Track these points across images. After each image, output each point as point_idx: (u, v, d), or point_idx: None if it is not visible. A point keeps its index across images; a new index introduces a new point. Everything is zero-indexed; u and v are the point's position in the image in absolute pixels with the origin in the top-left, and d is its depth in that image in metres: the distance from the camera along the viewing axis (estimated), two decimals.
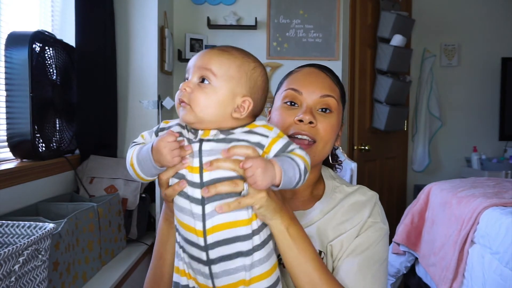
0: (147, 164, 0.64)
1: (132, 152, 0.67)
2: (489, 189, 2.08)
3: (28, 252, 0.98)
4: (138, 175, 0.66)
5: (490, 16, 3.58)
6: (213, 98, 0.65)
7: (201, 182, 0.63)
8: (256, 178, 0.60)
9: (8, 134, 1.62)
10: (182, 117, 0.66)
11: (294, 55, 2.77)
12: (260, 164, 0.60)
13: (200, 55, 0.68)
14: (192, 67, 0.68)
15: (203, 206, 0.62)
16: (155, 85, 2.34)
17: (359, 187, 0.89)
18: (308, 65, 0.91)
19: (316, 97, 0.82)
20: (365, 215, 0.82)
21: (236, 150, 0.62)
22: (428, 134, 3.55)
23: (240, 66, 0.68)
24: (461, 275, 1.81)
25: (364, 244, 0.79)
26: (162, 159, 0.62)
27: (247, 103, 0.67)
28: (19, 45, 1.59)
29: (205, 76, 0.65)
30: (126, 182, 2.03)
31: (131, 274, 1.76)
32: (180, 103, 0.66)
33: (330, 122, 0.82)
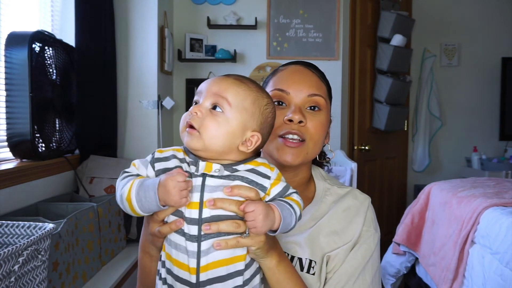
0: (149, 202, 0.60)
1: (130, 186, 0.62)
2: (490, 189, 2.08)
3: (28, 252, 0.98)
4: (134, 210, 0.62)
5: (490, 16, 3.58)
6: (224, 128, 0.63)
7: (200, 218, 0.61)
8: (257, 224, 0.60)
9: (8, 134, 1.62)
10: (188, 143, 0.64)
11: (294, 55, 2.77)
12: (262, 210, 0.60)
13: (215, 81, 0.66)
14: (205, 91, 0.65)
15: (199, 243, 0.61)
16: (155, 85, 2.34)
17: (351, 190, 0.88)
18: (293, 62, 0.89)
19: (304, 96, 0.81)
20: (359, 225, 0.82)
21: (239, 191, 0.62)
22: (428, 134, 3.55)
23: (255, 100, 0.67)
24: (462, 275, 1.81)
25: (360, 260, 0.79)
26: (170, 199, 0.59)
27: (256, 138, 0.66)
28: (19, 45, 1.59)
29: (219, 104, 0.64)
30: None
31: (131, 274, 1.76)
32: (187, 127, 0.64)
33: (319, 120, 0.81)
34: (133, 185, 0.62)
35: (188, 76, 2.80)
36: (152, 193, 0.60)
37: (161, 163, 0.65)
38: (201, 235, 0.61)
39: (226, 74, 0.69)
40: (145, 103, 2.34)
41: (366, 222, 0.83)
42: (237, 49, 2.76)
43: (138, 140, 2.34)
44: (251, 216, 0.60)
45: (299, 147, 0.79)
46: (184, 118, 0.65)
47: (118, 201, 0.64)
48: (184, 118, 0.65)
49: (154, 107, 2.34)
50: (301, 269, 0.77)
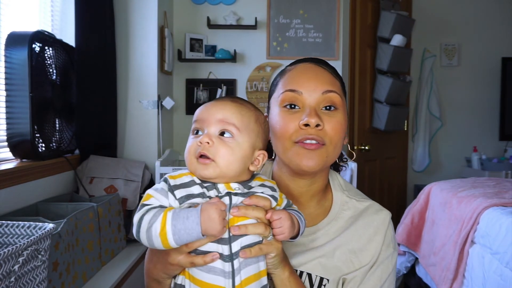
0: (189, 233, 0.58)
1: (162, 219, 0.58)
2: (489, 189, 2.08)
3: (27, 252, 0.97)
4: (166, 244, 0.58)
5: (490, 16, 3.58)
6: (237, 153, 0.64)
7: (229, 237, 0.62)
8: (285, 230, 0.63)
9: (8, 134, 1.62)
10: (203, 173, 0.63)
11: (294, 55, 2.77)
12: (288, 217, 0.64)
13: (216, 107, 0.66)
14: (208, 119, 0.65)
15: (232, 262, 0.61)
16: (155, 85, 2.34)
17: (371, 204, 0.83)
18: (301, 60, 0.83)
19: (318, 95, 0.74)
20: (379, 244, 0.78)
21: (258, 200, 0.64)
22: (428, 134, 3.55)
23: (257, 119, 0.68)
24: (461, 275, 1.81)
25: (377, 282, 0.77)
26: (213, 228, 0.58)
27: (262, 156, 0.68)
28: (19, 45, 1.59)
29: (228, 130, 0.64)
30: (126, 182, 2.03)
31: (131, 274, 1.76)
32: (197, 157, 0.63)
33: (338, 121, 0.75)
34: (167, 218, 0.58)
35: (188, 76, 2.80)
36: (194, 224, 0.58)
37: (182, 190, 0.62)
38: (232, 253, 0.61)
39: (218, 97, 0.70)
40: (145, 103, 2.34)
41: (386, 241, 0.79)
42: (237, 49, 2.76)
43: (138, 140, 2.34)
44: (279, 223, 0.63)
45: (319, 149, 0.73)
46: (191, 149, 0.64)
47: (142, 237, 0.59)
48: (190, 149, 0.64)
49: (154, 107, 2.34)
50: (311, 286, 0.75)
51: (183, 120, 2.81)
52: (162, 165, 2.13)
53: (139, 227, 0.59)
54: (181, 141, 2.81)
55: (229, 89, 2.78)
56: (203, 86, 2.78)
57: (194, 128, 0.67)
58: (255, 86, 2.80)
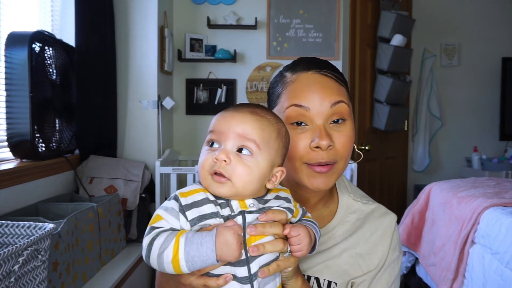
0: (203, 260, 0.54)
1: (174, 245, 0.54)
2: (490, 189, 2.08)
3: (27, 252, 0.97)
4: (180, 270, 0.55)
5: (490, 16, 3.58)
6: (257, 172, 0.60)
7: (247, 257, 0.58)
8: (303, 247, 0.61)
9: (8, 134, 1.62)
10: (218, 192, 0.59)
11: (294, 55, 2.77)
12: (307, 233, 0.62)
13: (236, 119, 0.61)
14: (227, 132, 0.60)
15: (251, 284, 0.58)
16: (155, 85, 2.34)
17: (377, 207, 0.83)
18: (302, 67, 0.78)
19: (326, 109, 0.71)
20: (386, 248, 0.79)
21: (274, 215, 0.61)
22: (429, 134, 3.55)
23: (278, 134, 0.64)
24: (462, 275, 1.81)
25: (384, 284, 0.78)
26: (230, 254, 0.55)
27: (280, 173, 0.64)
28: (19, 45, 1.59)
29: (247, 147, 0.60)
30: (126, 182, 2.03)
31: (131, 274, 1.76)
32: (213, 174, 0.59)
33: (346, 134, 0.73)
34: (180, 244, 0.54)
35: (188, 76, 2.80)
36: (209, 251, 0.54)
37: (194, 210, 0.58)
38: (251, 274, 0.58)
39: (238, 106, 0.64)
40: (145, 103, 2.34)
41: (392, 245, 0.79)
42: (237, 49, 2.76)
43: (138, 140, 2.34)
44: (298, 240, 0.61)
45: (330, 171, 0.72)
46: (205, 164, 0.60)
47: (153, 263, 0.56)
48: (205, 163, 0.60)
49: (154, 107, 2.34)
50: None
51: (183, 120, 2.81)
52: (162, 165, 2.13)
53: (149, 252, 0.56)
54: (181, 141, 2.81)
55: (229, 89, 2.78)
56: (203, 86, 2.78)
57: (210, 139, 0.62)
58: (255, 86, 2.80)
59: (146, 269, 2.07)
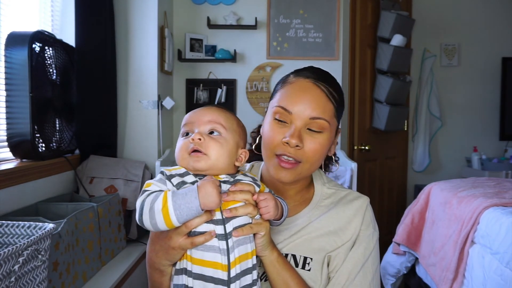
0: (189, 207, 0.64)
1: (163, 197, 0.64)
2: (490, 189, 2.08)
3: (28, 252, 0.97)
4: (168, 221, 0.64)
5: (490, 16, 3.58)
6: (225, 147, 0.74)
7: (223, 218, 0.69)
8: (270, 209, 0.72)
9: (8, 134, 1.62)
10: (196, 165, 0.71)
11: (294, 55, 2.77)
12: (272, 198, 0.73)
13: (204, 112, 0.76)
14: (197, 121, 0.74)
15: (226, 241, 0.68)
16: (155, 85, 2.34)
17: (350, 192, 0.92)
18: (303, 73, 0.86)
19: (306, 118, 0.81)
20: (358, 224, 0.86)
21: (243, 186, 0.72)
22: (428, 134, 3.55)
23: (238, 123, 0.79)
24: (462, 275, 1.81)
25: (360, 258, 0.83)
26: (211, 200, 0.64)
27: (244, 154, 0.78)
28: (19, 45, 1.59)
29: (216, 129, 0.74)
30: (126, 182, 2.03)
31: (131, 274, 1.76)
32: (191, 152, 0.71)
33: (319, 142, 0.81)
34: (167, 195, 0.65)
35: (188, 76, 2.80)
36: (193, 198, 0.64)
37: (177, 178, 0.70)
38: (227, 233, 0.68)
39: (204, 107, 0.79)
40: (145, 103, 2.34)
41: (365, 222, 0.86)
42: (237, 49, 2.76)
43: (138, 140, 2.34)
44: (265, 203, 0.72)
45: (293, 168, 0.82)
46: (183, 146, 0.72)
47: (146, 219, 0.65)
48: (182, 146, 0.73)
49: (154, 107, 2.34)
50: (296, 265, 0.82)
51: None
52: (162, 165, 2.13)
53: (142, 209, 0.65)
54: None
55: (229, 89, 2.78)
56: (203, 86, 2.78)
57: (184, 131, 0.75)
58: (255, 86, 2.80)
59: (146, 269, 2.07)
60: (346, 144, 2.93)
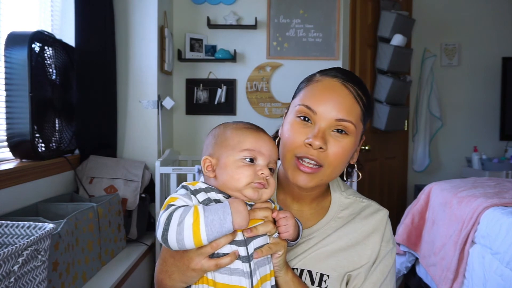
0: (222, 224, 0.61)
1: (194, 212, 0.61)
2: (490, 189, 2.08)
3: (27, 253, 0.97)
4: (199, 237, 0.61)
5: (491, 16, 3.57)
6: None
7: (244, 240, 0.67)
8: (289, 228, 0.70)
9: (8, 134, 1.62)
10: (263, 197, 0.69)
11: (294, 54, 2.77)
12: (292, 216, 0.71)
13: (267, 143, 0.72)
14: (263, 151, 0.71)
15: (249, 263, 0.66)
16: (155, 85, 2.34)
17: (369, 204, 0.86)
18: (331, 73, 0.80)
19: (331, 120, 0.74)
20: (378, 240, 0.81)
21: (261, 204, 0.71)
22: (429, 134, 3.55)
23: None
24: (462, 275, 1.81)
25: (380, 277, 0.80)
26: (242, 219, 0.63)
27: None
28: (18, 45, 1.59)
29: (272, 167, 0.72)
30: (126, 182, 2.03)
31: (131, 274, 1.76)
32: (259, 185, 0.69)
33: (343, 146, 0.75)
34: (199, 209, 0.62)
35: (188, 76, 2.80)
36: (226, 214, 0.62)
37: (202, 194, 0.68)
38: (249, 254, 0.66)
39: (257, 127, 0.75)
40: (145, 103, 2.34)
41: (385, 238, 0.82)
42: (237, 49, 2.76)
43: (138, 140, 2.34)
44: (285, 221, 0.70)
45: (314, 173, 0.75)
46: (249, 175, 0.68)
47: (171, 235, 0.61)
48: (248, 175, 0.68)
49: (154, 107, 2.34)
50: (312, 283, 0.77)
51: (183, 120, 2.81)
52: (162, 165, 2.13)
53: (168, 224, 0.61)
54: (181, 141, 2.81)
55: (229, 89, 2.78)
56: (203, 86, 2.78)
57: (248, 155, 0.70)
58: (255, 86, 2.80)
59: (146, 269, 2.07)
60: None
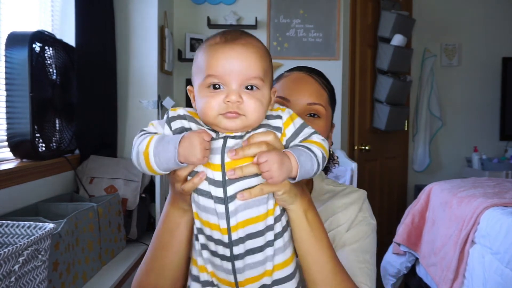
0: (167, 156, 0.59)
1: (148, 140, 0.61)
2: (490, 189, 2.08)
3: (28, 252, 0.97)
4: (150, 167, 0.61)
5: (491, 16, 3.57)
6: (265, 103, 0.63)
7: (224, 180, 0.61)
8: (272, 174, 0.58)
9: (8, 134, 1.62)
10: (229, 126, 0.61)
11: (295, 54, 2.77)
12: (275, 159, 0.58)
13: (234, 58, 0.61)
14: (231, 74, 0.60)
15: (226, 204, 0.61)
16: (155, 85, 2.34)
17: (348, 187, 0.92)
18: (296, 68, 0.90)
19: (303, 104, 0.83)
20: (355, 211, 0.86)
21: (255, 138, 0.61)
22: (429, 134, 3.55)
23: (269, 58, 0.66)
24: (462, 275, 1.81)
25: (355, 237, 0.83)
26: (193, 154, 0.57)
27: (274, 93, 0.68)
28: (19, 45, 1.59)
29: (254, 84, 0.62)
30: (126, 182, 2.03)
31: (131, 274, 1.76)
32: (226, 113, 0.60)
33: (318, 127, 0.80)
34: (152, 139, 0.61)
35: (188, 76, 2.80)
36: (172, 147, 0.58)
37: (178, 121, 0.64)
38: (227, 196, 0.61)
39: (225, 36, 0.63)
40: (145, 103, 2.34)
41: (362, 209, 0.87)
42: None
43: None
44: (266, 167, 0.58)
45: None
46: (214, 106, 0.60)
47: (134, 159, 0.63)
48: (212, 105, 0.60)
49: (154, 107, 2.34)
50: None
51: None
52: None
53: (133, 148, 0.63)
54: None
55: None
56: None
57: (211, 82, 0.61)
58: None
59: None
60: (346, 144, 2.93)
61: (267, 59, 0.66)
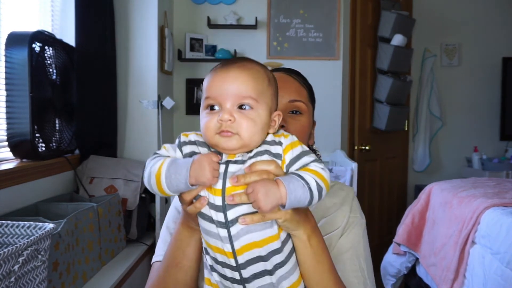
0: (178, 179, 0.61)
1: (161, 163, 0.63)
2: (490, 189, 2.08)
3: (27, 252, 0.97)
4: (161, 188, 0.63)
5: (491, 16, 3.57)
6: (259, 123, 0.64)
7: (224, 205, 0.62)
8: (259, 204, 0.59)
9: (8, 134, 1.62)
10: (226, 146, 0.63)
11: (294, 54, 2.77)
12: (260, 189, 0.59)
13: (228, 82, 0.64)
14: (223, 95, 0.63)
15: (228, 229, 0.62)
16: (155, 85, 2.34)
17: (335, 183, 0.94)
18: (274, 70, 0.91)
19: (285, 102, 0.85)
20: (347, 212, 0.88)
21: (257, 166, 0.62)
22: (429, 134, 3.55)
23: (269, 82, 0.68)
24: (462, 276, 1.81)
25: (349, 243, 0.85)
26: (202, 175, 0.60)
27: (278, 116, 0.68)
28: (19, 45, 1.59)
29: (246, 103, 0.64)
30: (126, 182, 2.03)
31: (131, 274, 1.76)
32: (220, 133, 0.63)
33: (301, 123, 0.86)
34: (165, 162, 0.63)
35: (188, 76, 2.80)
36: (184, 170, 0.61)
37: (189, 146, 0.67)
38: (228, 220, 0.62)
39: (224, 63, 0.67)
40: (145, 103, 2.34)
41: (353, 210, 0.89)
42: (237, 49, 2.76)
43: (138, 140, 2.34)
44: (252, 198, 0.59)
45: None
46: (211, 126, 0.63)
47: (146, 181, 0.64)
48: (209, 125, 0.63)
49: (154, 107, 2.34)
50: None
51: (183, 120, 2.81)
52: None
53: (145, 169, 0.65)
54: None
55: None
56: None
57: (208, 104, 0.65)
58: None
59: (146, 269, 2.07)
60: (346, 144, 2.93)
61: (263, 80, 0.67)
